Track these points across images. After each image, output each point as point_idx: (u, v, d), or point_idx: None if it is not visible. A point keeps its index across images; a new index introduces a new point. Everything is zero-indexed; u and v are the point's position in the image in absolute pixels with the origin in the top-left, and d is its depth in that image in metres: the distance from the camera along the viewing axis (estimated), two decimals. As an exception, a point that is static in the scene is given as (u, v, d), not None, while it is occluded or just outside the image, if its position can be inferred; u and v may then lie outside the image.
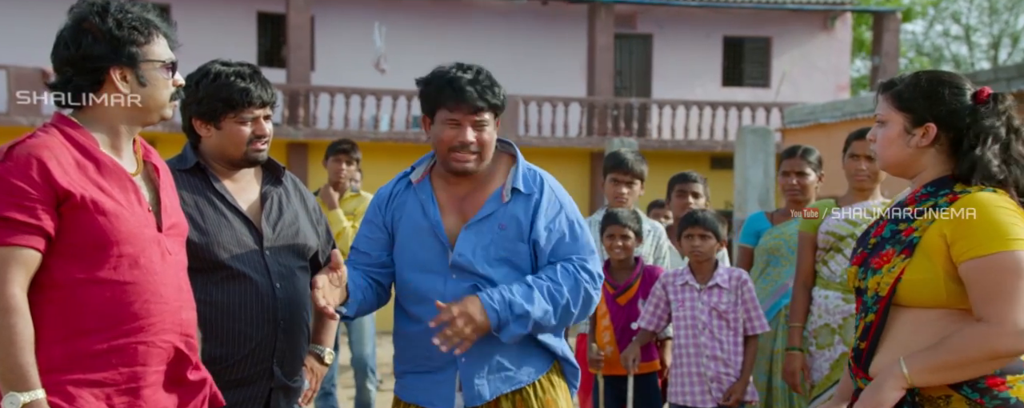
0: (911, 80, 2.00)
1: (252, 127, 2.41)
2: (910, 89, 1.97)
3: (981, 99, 1.93)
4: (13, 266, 1.77)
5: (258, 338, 2.36)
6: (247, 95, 2.38)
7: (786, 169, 3.91)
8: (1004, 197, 1.89)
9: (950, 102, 1.94)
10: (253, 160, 2.45)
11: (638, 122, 16.52)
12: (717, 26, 18.14)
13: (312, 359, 2.63)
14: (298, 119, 14.80)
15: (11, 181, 1.78)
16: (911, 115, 1.96)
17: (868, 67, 22.46)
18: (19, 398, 1.73)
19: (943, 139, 1.95)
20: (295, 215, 2.52)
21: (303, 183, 2.74)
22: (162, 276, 1.90)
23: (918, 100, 1.96)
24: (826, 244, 3.48)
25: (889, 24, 18.14)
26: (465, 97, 2.34)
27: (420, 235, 2.42)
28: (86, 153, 1.87)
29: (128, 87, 1.90)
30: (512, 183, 2.42)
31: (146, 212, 1.92)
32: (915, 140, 1.96)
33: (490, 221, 2.39)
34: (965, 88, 1.95)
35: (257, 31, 16.32)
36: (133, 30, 1.89)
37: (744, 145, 8.78)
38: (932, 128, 1.95)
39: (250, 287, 2.35)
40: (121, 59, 1.88)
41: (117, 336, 1.85)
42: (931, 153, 1.97)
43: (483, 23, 16.79)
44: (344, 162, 5.06)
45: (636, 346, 3.73)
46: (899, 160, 2.00)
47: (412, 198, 2.46)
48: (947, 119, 1.93)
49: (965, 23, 29.02)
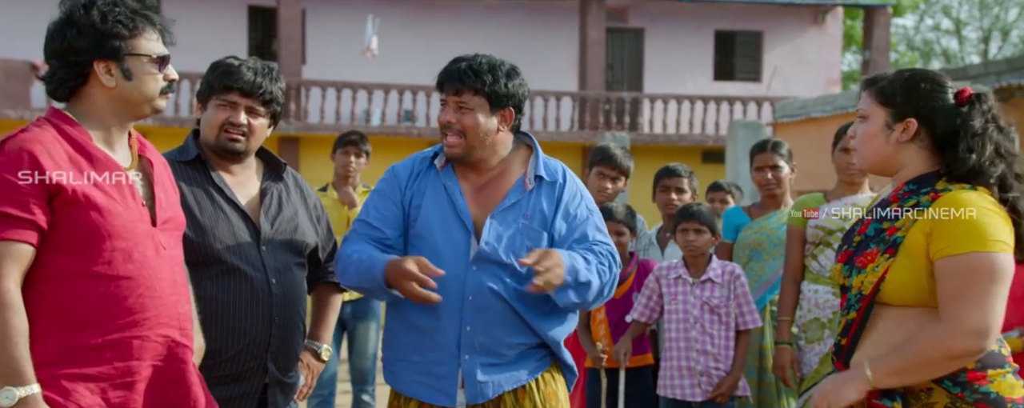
0: (894, 76, 2.01)
1: (227, 113, 2.37)
2: (893, 84, 1.98)
3: (962, 99, 1.94)
4: (6, 261, 1.76)
5: (252, 334, 2.34)
6: (229, 77, 2.35)
7: (759, 164, 3.92)
8: (986, 196, 1.90)
9: (932, 98, 1.94)
10: (226, 148, 2.39)
11: (630, 116, 16.53)
12: (709, 20, 18.16)
13: (309, 355, 2.61)
14: (289, 113, 14.77)
15: (3, 175, 1.78)
16: (893, 110, 1.97)
17: (859, 62, 22.51)
18: (15, 393, 1.73)
19: (924, 135, 1.95)
20: (294, 211, 2.50)
21: (296, 178, 2.73)
22: (156, 270, 1.90)
23: (900, 95, 1.96)
24: (815, 238, 3.49)
25: (880, 18, 18.19)
26: (448, 77, 2.36)
27: (444, 223, 2.38)
28: (78, 147, 1.86)
29: (113, 81, 1.89)
30: (534, 171, 2.41)
31: (140, 206, 1.91)
32: (895, 135, 1.97)
33: (515, 210, 2.38)
34: (947, 86, 1.96)
35: (248, 24, 16.27)
36: (118, 23, 1.88)
37: (735, 139, 8.81)
38: (913, 123, 1.95)
39: (245, 282, 2.34)
40: (105, 52, 1.88)
41: (111, 330, 1.84)
42: (912, 149, 1.97)
43: (475, 17, 16.78)
44: (353, 155, 4.76)
45: (628, 339, 3.74)
46: (879, 155, 2.00)
47: (435, 183, 2.42)
48: (929, 115, 1.94)
49: (955, 17, 29.13)
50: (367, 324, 4.79)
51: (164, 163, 2.08)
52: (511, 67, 2.42)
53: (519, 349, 2.39)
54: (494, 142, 2.39)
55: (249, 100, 2.38)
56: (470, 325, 2.35)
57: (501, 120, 2.38)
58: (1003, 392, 1.84)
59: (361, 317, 4.74)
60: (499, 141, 2.41)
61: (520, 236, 2.36)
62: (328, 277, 2.63)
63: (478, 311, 2.34)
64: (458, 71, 2.35)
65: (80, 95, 1.91)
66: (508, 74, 2.38)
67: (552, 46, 17.11)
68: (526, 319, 2.38)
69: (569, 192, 2.42)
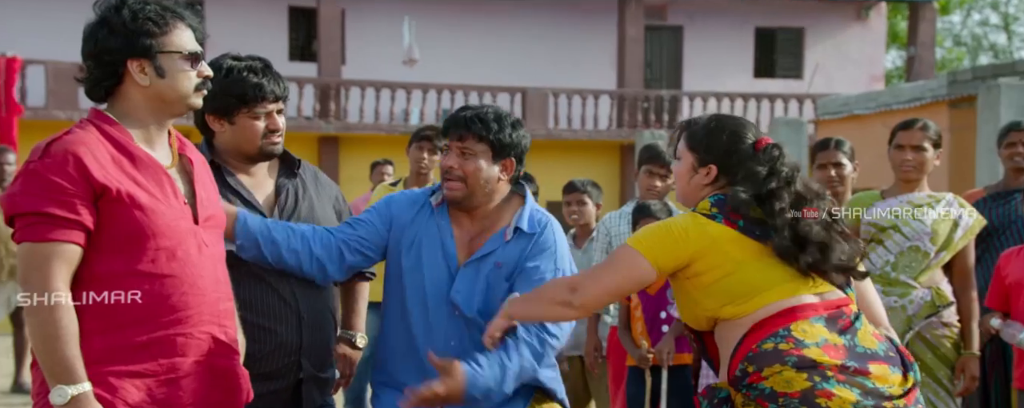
0: (704, 124, 2.24)
1: (266, 121, 2.40)
2: (701, 132, 2.22)
3: (758, 148, 2.17)
4: (56, 261, 1.79)
5: (282, 334, 2.36)
6: (260, 90, 2.37)
7: (822, 161, 3.87)
8: (692, 218, 2.13)
9: (730, 146, 2.18)
10: (268, 154, 2.45)
11: (668, 114, 16.41)
12: (749, 17, 17.96)
13: (343, 345, 2.63)
14: (329, 113, 14.89)
15: (50, 177, 1.80)
16: (697, 155, 2.22)
17: (903, 58, 22.13)
18: (67, 391, 1.76)
19: (721, 178, 2.19)
20: (311, 206, 2.51)
21: (333, 177, 2.74)
22: (199, 268, 1.92)
23: (703, 143, 2.21)
24: (867, 235, 3.45)
25: (925, 14, 17.85)
26: (453, 123, 2.41)
27: (432, 259, 2.41)
28: (121, 148, 1.89)
29: (147, 79, 1.91)
30: (516, 222, 2.41)
31: (182, 205, 1.94)
32: (697, 178, 2.22)
33: (487, 260, 2.39)
34: (746, 137, 2.19)
35: (288, 25, 16.43)
36: (148, 21, 1.90)
37: (776, 137, 8.68)
38: (713, 169, 2.19)
39: (268, 283, 2.36)
40: (137, 51, 1.89)
41: (156, 328, 1.87)
42: (709, 190, 2.20)
43: (512, 15, 16.76)
44: (427, 150, 4.48)
45: (672, 338, 3.72)
46: (687, 194, 2.25)
47: (429, 219, 2.45)
48: (725, 162, 2.18)
49: (1004, 11, 28.49)
50: None
51: (204, 161, 2.10)
52: (516, 119, 2.47)
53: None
54: (493, 190, 2.42)
55: (278, 103, 2.43)
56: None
57: (503, 169, 2.41)
58: (777, 387, 1.96)
59: None
60: (498, 190, 2.43)
61: (490, 288, 2.38)
62: None
63: (458, 355, 2.32)
64: (464, 118, 2.39)
65: (117, 95, 1.94)
66: (513, 125, 2.42)
67: (590, 44, 17.05)
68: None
69: (539, 246, 2.40)
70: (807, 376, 1.94)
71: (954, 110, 9.59)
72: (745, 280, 2.06)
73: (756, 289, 2.05)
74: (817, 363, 1.95)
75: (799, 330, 2.00)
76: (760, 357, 1.99)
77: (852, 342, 2.01)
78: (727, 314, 2.07)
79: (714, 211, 2.12)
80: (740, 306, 2.05)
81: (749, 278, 2.06)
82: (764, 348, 1.99)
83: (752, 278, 2.06)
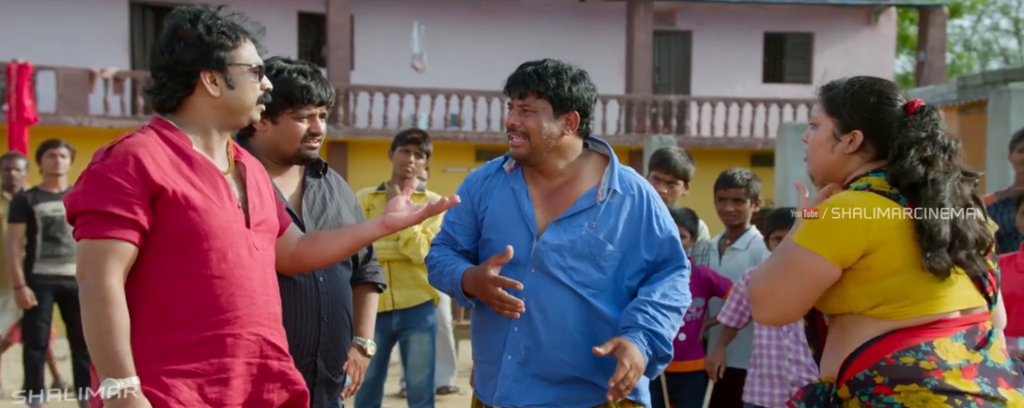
0: (845, 86, 2.01)
1: (308, 124, 2.44)
2: (841, 95, 1.99)
3: (911, 111, 1.95)
4: (111, 258, 1.85)
5: (302, 332, 2.39)
6: (308, 92, 2.42)
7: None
8: (862, 196, 1.89)
9: (878, 111, 1.95)
10: (305, 157, 2.48)
11: (677, 120, 16.40)
12: (757, 22, 17.94)
13: (355, 351, 2.65)
14: (338, 118, 14.93)
15: (110, 177, 1.87)
16: (839, 120, 1.98)
17: (913, 63, 22.07)
18: (116, 384, 1.82)
19: (869, 146, 1.96)
20: (338, 210, 2.55)
21: (343, 182, 2.77)
22: (249, 270, 1.97)
23: (847, 106, 1.98)
24: None
25: (935, 19, 17.80)
26: (513, 80, 2.41)
27: (509, 223, 2.41)
28: (179, 152, 1.96)
29: (218, 90, 1.99)
30: (609, 183, 2.41)
31: (236, 208, 2.00)
32: (841, 146, 1.98)
33: (580, 219, 2.38)
34: (895, 99, 1.96)
35: (298, 30, 16.49)
36: (222, 35, 1.99)
37: (785, 142, 8.68)
38: (858, 135, 1.96)
39: (293, 281, 2.38)
40: (210, 63, 1.97)
41: (206, 328, 1.92)
42: (857, 159, 1.98)
43: (521, 21, 16.78)
44: (413, 154, 4.36)
45: (722, 348, 3.70)
46: (826, 163, 2.02)
47: (503, 185, 2.45)
48: (874, 127, 1.95)
49: (1015, 17, 28.38)
50: (421, 335, 4.41)
51: (259, 167, 2.17)
52: (578, 71, 2.44)
53: (565, 374, 2.37)
54: (559, 146, 2.40)
55: (322, 108, 2.47)
56: (517, 326, 2.38)
57: (565, 124, 2.39)
58: (909, 405, 1.82)
59: (412, 327, 4.39)
60: (565, 145, 2.41)
61: (581, 243, 2.36)
62: (366, 277, 2.68)
63: (529, 315, 2.35)
64: (523, 75, 2.40)
65: (186, 105, 2.00)
66: (574, 78, 2.41)
67: (599, 49, 17.04)
68: (578, 335, 2.36)
69: (648, 210, 2.42)
70: (947, 399, 1.80)
71: (964, 115, 9.55)
72: (913, 281, 1.85)
73: (925, 294, 1.85)
74: (961, 392, 1.81)
75: (942, 349, 1.83)
76: (896, 370, 1.82)
77: (984, 356, 1.88)
78: (876, 314, 1.87)
79: (895, 191, 1.88)
80: (897, 309, 1.86)
81: (917, 279, 1.85)
82: (903, 362, 1.82)
83: (921, 280, 1.85)
